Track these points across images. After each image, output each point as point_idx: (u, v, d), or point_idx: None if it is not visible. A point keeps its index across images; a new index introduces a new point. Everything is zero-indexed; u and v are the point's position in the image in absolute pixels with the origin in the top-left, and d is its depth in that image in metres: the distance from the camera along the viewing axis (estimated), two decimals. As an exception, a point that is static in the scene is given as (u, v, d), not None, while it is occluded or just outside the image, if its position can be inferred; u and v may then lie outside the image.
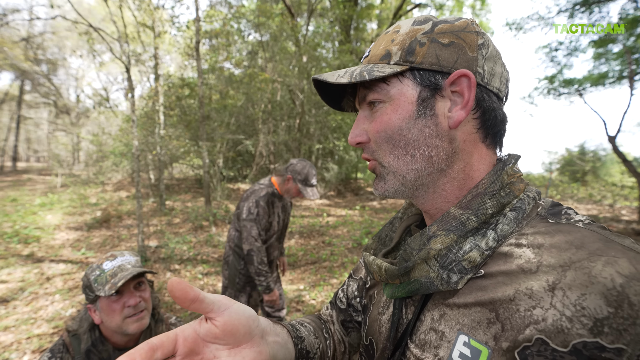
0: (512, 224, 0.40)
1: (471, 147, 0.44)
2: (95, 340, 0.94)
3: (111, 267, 0.95)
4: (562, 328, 0.30)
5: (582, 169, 10.42)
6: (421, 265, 0.42)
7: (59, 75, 19.78)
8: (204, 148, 6.18)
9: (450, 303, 0.41)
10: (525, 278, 0.35)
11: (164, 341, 0.33)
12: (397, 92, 0.43)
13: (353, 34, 13.04)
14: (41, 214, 7.42)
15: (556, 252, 0.34)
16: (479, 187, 0.42)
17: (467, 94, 0.41)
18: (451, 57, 0.41)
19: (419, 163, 0.43)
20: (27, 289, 3.82)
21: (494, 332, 0.35)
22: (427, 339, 0.42)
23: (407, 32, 0.43)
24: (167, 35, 7.93)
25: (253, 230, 1.98)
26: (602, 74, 8.32)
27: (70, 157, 15.37)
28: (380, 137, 0.45)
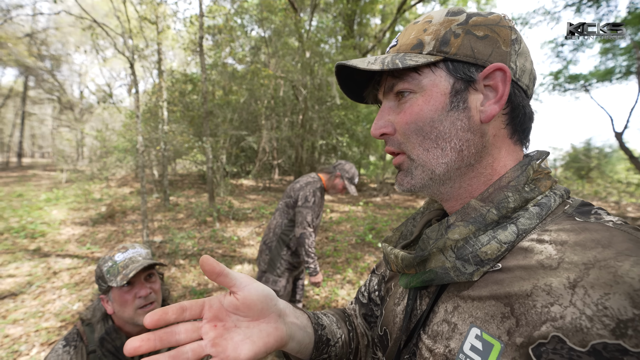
0: (535, 219, 0.39)
1: (500, 143, 0.43)
2: (109, 329, 0.96)
3: (123, 258, 0.97)
4: (581, 327, 0.29)
5: (588, 165, 10.33)
6: (437, 256, 0.41)
7: (63, 71, 19.84)
8: (208, 144, 6.19)
9: (465, 295, 0.40)
10: (545, 274, 0.34)
11: (192, 305, 0.39)
12: (429, 83, 0.42)
13: (356, 29, 12.95)
14: (47, 209, 7.48)
15: (580, 249, 0.33)
16: (502, 180, 0.41)
17: (501, 88, 0.40)
18: (486, 50, 0.41)
19: (449, 157, 0.42)
20: (34, 283, 3.86)
21: (508, 327, 0.34)
22: (439, 330, 0.41)
23: (442, 22, 0.42)
24: (170, 30, 7.91)
25: (308, 216, 2.19)
26: (609, 69, 8.21)
27: (74, 153, 15.46)
28: (409, 129, 0.43)
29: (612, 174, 10.30)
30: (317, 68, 9.60)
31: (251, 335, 0.40)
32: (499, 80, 0.40)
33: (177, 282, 4.04)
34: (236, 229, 6.24)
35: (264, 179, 11.78)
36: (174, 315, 0.37)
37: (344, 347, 0.59)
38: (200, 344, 0.37)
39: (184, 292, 3.76)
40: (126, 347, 0.34)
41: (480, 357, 0.35)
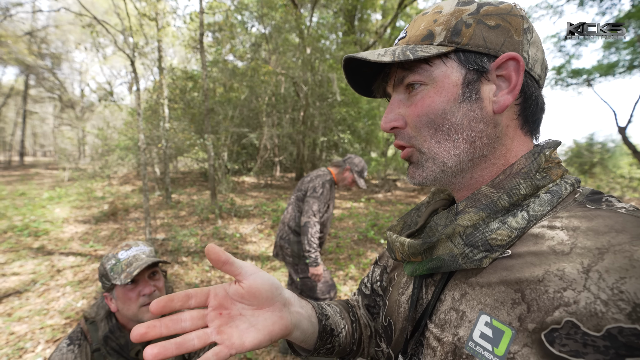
0: (546, 205, 0.38)
1: (512, 133, 0.43)
2: (113, 327, 0.97)
3: (126, 256, 0.97)
4: (595, 312, 0.29)
5: (590, 160, 10.28)
6: (445, 243, 0.41)
7: (63, 69, 19.83)
8: (210, 141, 6.19)
9: (473, 282, 0.39)
10: (557, 259, 0.33)
11: (198, 292, 0.40)
12: (441, 74, 0.41)
13: (357, 25, 12.88)
14: (49, 207, 7.51)
15: (593, 235, 0.33)
16: (513, 167, 0.41)
17: (514, 78, 0.40)
18: (498, 39, 0.40)
19: (461, 148, 0.42)
20: (38, 281, 3.88)
21: (519, 313, 0.34)
22: (447, 319, 0.41)
23: (452, 12, 0.42)
24: (170, 27, 7.89)
25: (314, 206, 2.24)
26: (612, 63, 8.14)
27: (76, 151, 15.49)
28: (421, 121, 0.43)
29: (615, 169, 10.26)
30: (317, 64, 9.56)
31: (256, 323, 0.41)
32: (512, 69, 0.40)
33: (180, 279, 4.06)
34: (238, 226, 6.25)
35: (265, 176, 11.78)
36: (179, 303, 0.38)
37: (347, 338, 0.59)
38: (206, 332, 0.38)
39: (187, 289, 3.78)
40: (133, 334, 0.34)
41: (491, 344, 0.35)
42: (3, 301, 3.42)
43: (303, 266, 2.38)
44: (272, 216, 6.84)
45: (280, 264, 4.58)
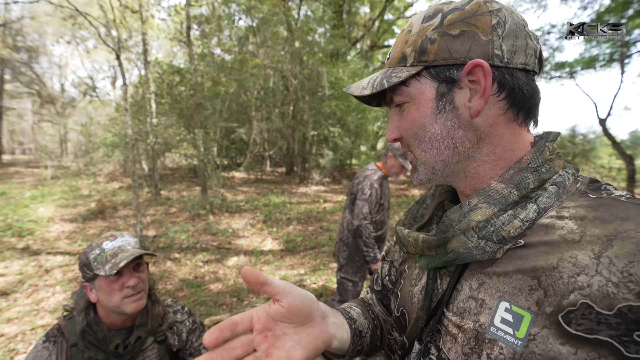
0: (554, 197, 0.41)
1: (501, 129, 0.44)
2: (90, 321, 0.95)
3: (111, 247, 0.95)
4: (607, 293, 0.32)
5: (573, 151, 10.61)
6: (458, 237, 0.43)
7: (41, 63, 19.06)
8: (200, 136, 6.10)
9: (489, 272, 0.42)
10: (569, 247, 0.36)
11: (242, 318, 0.40)
12: (416, 92, 0.45)
13: (346, 18, 12.80)
14: (33, 206, 7.29)
15: (600, 223, 0.36)
16: (521, 162, 0.43)
17: (483, 82, 0.41)
18: (463, 47, 0.42)
19: (445, 154, 0.46)
20: (26, 282, 3.79)
21: (537, 298, 0.36)
22: (466, 307, 0.43)
23: (418, 31, 0.44)
24: (155, 20, 7.67)
25: (364, 209, 2.24)
26: (593, 56, 8.36)
27: (58, 148, 15.01)
28: (408, 134, 0.48)
29: (595, 160, 10.61)
30: (306, 58, 9.49)
31: (300, 340, 0.42)
32: (480, 75, 0.41)
33: (174, 275, 4.03)
34: (230, 221, 6.22)
35: (255, 171, 11.70)
36: (229, 332, 0.38)
37: (372, 336, 0.63)
38: (256, 356, 0.39)
39: (181, 285, 3.76)
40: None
41: (512, 328, 0.37)
42: (-10, 303, 3.33)
43: (348, 268, 2.43)
44: (264, 211, 6.83)
45: (273, 257, 4.60)
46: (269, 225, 6.07)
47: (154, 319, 1.05)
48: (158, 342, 1.05)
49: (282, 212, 6.77)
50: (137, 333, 0.98)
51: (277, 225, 6.06)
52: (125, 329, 0.98)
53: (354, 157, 13.67)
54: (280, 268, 4.27)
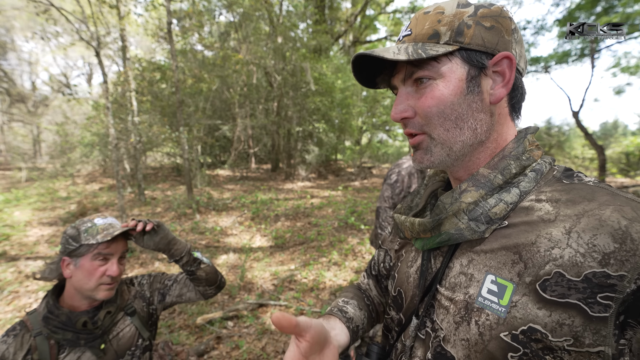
0: (533, 182, 0.47)
1: (503, 120, 0.50)
2: (50, 307, 0.96)
3: (103, 222, 0.98)
4: (576, 262, 0.38)
5: (549, 143, 11.08)
6: (451, 219, 0.48)
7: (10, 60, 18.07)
8: (185, 134, 5.99)
9: (478, 250, 0.47)
10: (545, 226, 0.42)
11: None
12: (447, 70, 0.47)
13: (328, 14, 12.78)
14: (7, 210, 6.97)
15: (571, 204, 0.42)
16: (505, 150, 0.49)
17: (508, 74, 0.47)
18: (493, 39, 0.46)
19: (466, 135, 0.48)
20: (5, 289, 3.66)
21: (518, 270, 0.42)
22: (457, 282, 0.48)
23: (454, 14, 0.47)
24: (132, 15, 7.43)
25: (386, 192, 2.29)
26: (566, 51, 8.72)
27: (31, 149, 14.35)
28: (431, 112, 0.48)
29: (570, 150, 11.11)
30: (289, 54, 9.43)
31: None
32: (506, 66, 0.47)
33: (163, 276, 3.98)
34: (218, 220, 6.17)
35: (240, 169, 11.59)
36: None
37: (369, 322, 0.70)
38: None
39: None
40: None
41: (497, 297, 0.43)
42: (-31, 311, 3.20)
43: (373, 247, 2.52)
44: (251, 208, 6.80)
45: (263, 254, 4.61)
46: (257, 222, 6.06)
47: (122, 297, 1.08)
48: (129, 315, 1.08)
49: (269, 209, 6.76)
50: (106, 309, 1.00)
51: (266, 221, 6.06)
52: (88, 311, 1.00)
53: (339, 152, 13.75)
54: (270, 264, 4.30)
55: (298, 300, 3.35)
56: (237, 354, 2.58)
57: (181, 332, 2.85)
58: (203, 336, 2.81)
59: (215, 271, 1.19)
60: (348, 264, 4.16)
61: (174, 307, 3.28)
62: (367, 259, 4.31)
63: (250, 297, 3.42)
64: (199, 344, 2.64)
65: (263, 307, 3.24)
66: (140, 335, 1.09)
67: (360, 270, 4.00)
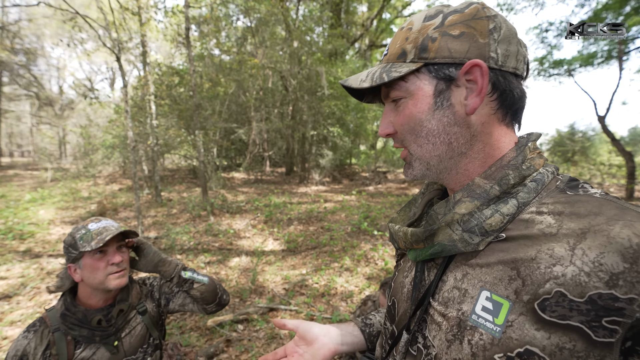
0: (532, 193, 0.43)
1: (490, 128, 0.47)
2: (68, 305, 1.01)
3: (96, 227, 1.01)
4: (580, 282, 0.34)
5: (572, 149, 10.64)
6: (444, 230, 0.46)
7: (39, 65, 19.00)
8: (200, 137, 6.10)
9: (472, 263, 0.44)
10: (547, 240, 0.38)
11: (278, 350, 0.65)
12: (415, 88, 0.47)
13: (344, 18, 12.81)
14: (33, 209, 7.28)
15: (576, 218, 0.38)
16: (503, 160, 0.46)
17: (480, 82, 0.43)
18: (462, 47, 0.44)
19: (440, 149, 0.47)
20: (28, 285, 3.79)
21: (515, 287, 0.39)
22: (450, 297, 0.45)
23: (419, 29, 0.46)
24: (153, 22, 7.67)
25: None
26: (591, 54, 8.39)
27: (57, 150, 14.99)
28: (404, 129, 0.49)
29: (595, 157, 10.64)
30: (305, 58, 9.49)
31: (313, 353, 0.63)
32: (478, 74, 0.43)
33: (176, 277, 4.03)
34: (231, 222, 6.22)
35: (255, 172, 11.71)
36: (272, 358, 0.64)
37: None
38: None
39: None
40: None
41: (492, 315, 0.40)
42: (-7, 306, 3.33)
43: None
44: (265, 211, 6.83)
45: (275, 258, 4.60)
46: (270, 226, 6.07)
47: (134, 296, 1.12)
48: (140, 313, 1.12)
49: (282, 213, 6.77)
50: (119, 307, 1.05)
51: (278, 225, 6.07)
52: (106, 306, 1.05)
53: (353, 156, 13.69)
54: (282, 268, 4.28)
55: (309, 306, 3.31)
56: (246, 357, 2.56)
57: (192, 334, 2.87)
58: (213, 338, 2.81)
59: (213, 289, 1.18)
60: (360, 270, 4.10)
61: (186, 309, 3.30)
62: (379, 265, 4.23)
63: (261, 301, 3.41)
64: (209, 346, 2.64)
65: (273, 311, 3.22)
66: (150, 334, 1.13)
67: (372, 276, 3.93)
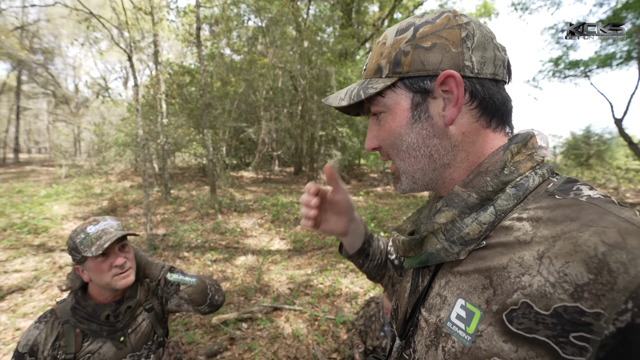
0: (512, 199, 0.41)
1: (474, 136, 0.46)
2: (79, 299, 1.03)
3: (95, 230, 1.01)
4: (545, 293, 0.33)
5: (587, 152, 10.36)
6: (431, 239, 0.46)
7: (56, 64, 19.52)
8: (209, 136, 6.17)
9: (455, 271, 0.44)
10: (520, 248, 0.37)
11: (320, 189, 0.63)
12: (392, 102, 0.47)
13: (355, 18, 12.76)
14: (48, 204, 7.48)
15: (552, 224, 0.36)
16: (481, 166, 0.45)
17: (455, 92, 0.43)
18: (435, 59, 0.43)
19: (422, 162, 0.47)
20: (41, 278, 3.90)
21: (487, 297, 0.38)
22: (433, 303, 0.46)
23: (392, 43, 0.46)
24: (166, 21, 7.79)
25: None
26: (610, 54, 8.14)
27: (72, 147, 15.36)
28: (386, 144, 0.50)
29: (611, 161, 10.33)
30: (315, 58, 9.49)
31: (331, 221, 0.67)
32: (453, 85, 0.43)
33: (183, 274, 4.08)
34: (239, 221, 6.27)
35: (264, 171, 11.77)
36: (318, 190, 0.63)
37: (375, 268, 0.79)
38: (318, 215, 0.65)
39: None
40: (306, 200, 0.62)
41: (464, 324, 0.39)
42: (6, 298, 3.43)
43: None
44: (272, 210, 6.86)
45: (281, 257, 4.62)
46: (276, 225, 6.09)
47: (142, 293, 1.13)
48: (147, 310, 1.14)
49: (289, 212, 6.79)
50: (127, 303, 1.07)
51: (285, 225, 6.09)
52: (115, 302, 1.07)
53: (362, 157, 13.62)
54: (287, 268, 4.29)
55: (313, 306, 3.31)
56: (249, 356, 2.57)
57: (196, 331, 2.90)
58: (217, 336, 2.83)
59: (201, 291, 1.17)
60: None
61: (192, 306, 3.34)
62: (385, 267, 4.20)
63: (266, 300, 3.42)
64: (213, 344, 2.66)
65: (278, 310, 3.23)
66: (155, 331, 1.15)
67: (378, 278, 3.90)
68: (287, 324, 3.01)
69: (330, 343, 2.74)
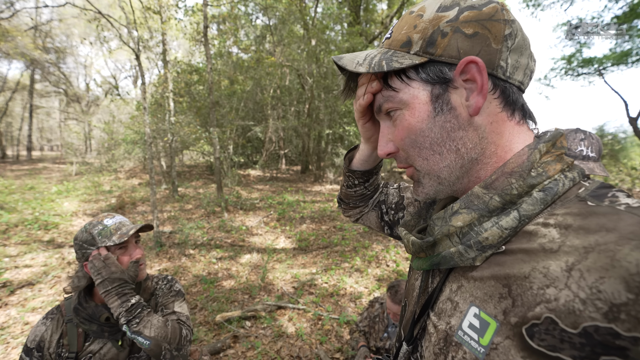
0: (538, 204, 0.38)
1: (501, 127, 0.42)
2: (81, 299, 1.04)
3: (112, 223, 1.04)
4: (573, 309, 0.29)
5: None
6: (445, 241, 0.43)
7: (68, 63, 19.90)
8: (215, 134, 6.19)
9: (469, 276, 0.41)
10: (545, 257, 0.34)
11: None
12: (409, 97, 0.43)
13: (363, 15, 12.67)
14: (58, 201, 7.62)
15: (584, 233, 0.32)
16: (505, 166, 0.41)
17: (479, 79, 0.39)
18: (473, 49, 0.39)
19: (449, 159, 0.43)
20: (50, 273, 3.96)
21: (504, 307, 0.35)
22: (443, 308, 0.43)
23: (431, 19, 0.41)
24: (174, 20, 7.85)
25: None
26: (625, 51, 7.91)
27: (82, 145, 15.63)
28: (406, 144, 0.45)
29: (625, 161, 10.07)
30: (322, 56, 9.46)
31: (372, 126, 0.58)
32: (475, 72, 0.39)
33: (188, 271, 4.11)
34: (244, 219, 6.29)
35: (271, 169, 11.80)
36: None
37: (360, 198, 0.76)
38: None
39: (194, 281, 3.83)
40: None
41: (477, 334, 0.36)
42: (16, 292, 3.50)
43: None
44: (278, 209, 6.87)
45: (286, 256, 4.61)
46: (282, 224, 6.10)
47: (145, 292, 1.13)
48: None
49: (295, 211, 6.79)
50: None
51: (291, 223, 6.09)
52: None
53: (369, 156, 13.50)
54: (292, 267, 4.28)
55: (317, 305, 3.29)
56: (252, 354, 2.57)
57: (201, 328, 2.91)
58: (221, 334, 2.84)
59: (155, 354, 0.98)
60: (371, 272, 4.04)
61: (196, 303, 3.36)
62: (390, 267, 4.16)
63: (270, 299, 3.41)
64: (216, 341, 2.67)
65: (281, 309, 3.22)
66: None
67: (383, 278, 3.86)
68: (290, 323, 3.00)
69: (333, 343, 2.72)
